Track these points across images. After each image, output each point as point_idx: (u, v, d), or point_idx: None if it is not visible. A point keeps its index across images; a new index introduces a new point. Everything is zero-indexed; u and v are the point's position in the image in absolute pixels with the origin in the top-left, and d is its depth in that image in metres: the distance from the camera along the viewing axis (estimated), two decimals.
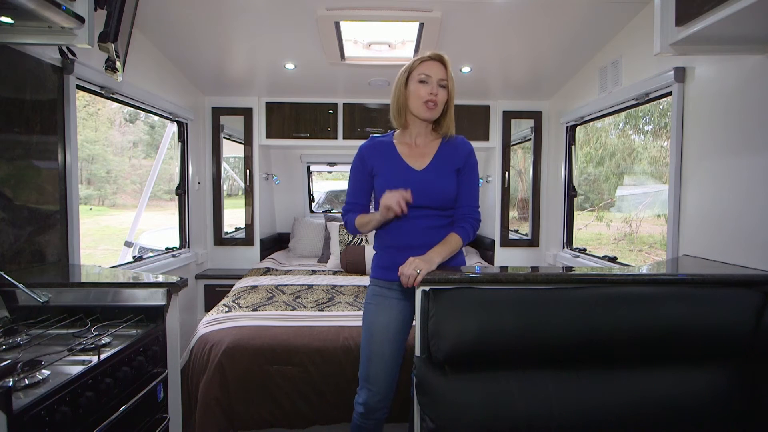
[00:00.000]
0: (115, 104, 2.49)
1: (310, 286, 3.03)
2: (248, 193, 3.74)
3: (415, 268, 1.42)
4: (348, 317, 2.38)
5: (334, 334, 2.17)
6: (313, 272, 3.47)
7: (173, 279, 1.63)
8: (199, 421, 1.99)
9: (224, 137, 3.71)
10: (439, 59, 1.60)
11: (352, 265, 3.46)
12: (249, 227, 3.78)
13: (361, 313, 2.41)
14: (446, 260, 1.54)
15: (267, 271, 3.42)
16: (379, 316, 1.63)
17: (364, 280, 3.16)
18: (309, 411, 2.06)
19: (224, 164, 3.75)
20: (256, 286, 2.98)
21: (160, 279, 1.66)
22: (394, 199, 1.46)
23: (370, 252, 3.56)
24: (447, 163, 1.62)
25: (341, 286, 3.06)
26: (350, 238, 3.69)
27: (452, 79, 1.61)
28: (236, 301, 2.65)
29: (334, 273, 3.48)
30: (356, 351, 2.07)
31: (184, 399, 1.94)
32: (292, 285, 3.05)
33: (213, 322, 2.31)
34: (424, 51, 1.64)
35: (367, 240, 3.71)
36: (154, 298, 1.52)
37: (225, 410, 2.01)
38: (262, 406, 2.04)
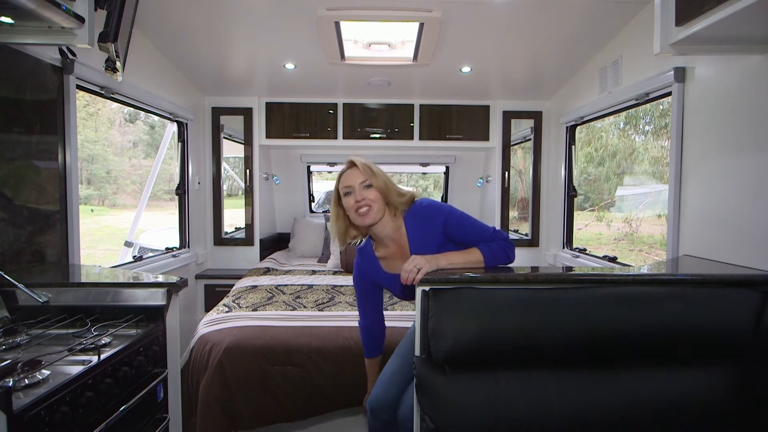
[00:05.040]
0: (115, 104, 2.49)
1: (310, 286, 3.03)
2: (248, 193, 3.74)
3: (415, 265, 1.42)
4: (348, 317, 2.38)
5: (333, 334, 2.17)
6: (313, 272, 3.47)
7: (173, 279, 1.62)
8: (200, 420, 1.99)
9: (224, 137, 3.71)
10: (352, 164, 1.59)
11: (352, 265, 3.45)
12: (249, 227, 3.78)
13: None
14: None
15: (267, 271, 3.42)
16: (411, 328, 1.76)
17: None
18: (311, 407, 2.07)
19: (224, 164, 3.75)
20: (256, 286, 2.98)
21: (160, 279, 1.66)
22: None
23: None
24: (426, 251, 1.54)
25: (341, 286, 3.06)
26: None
27: (374, 172, 1.57)
28: (236, 301, 2.65)
29: (334, 273, 3.48)
30: (356, 350, 2.07)
31: (184, 399, 1.94)
32: (292, 285, 3.05)
33: (213, 322, 2.31)
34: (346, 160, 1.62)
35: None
36: (154, 298, 1.52)
37: (226, 409, 2.01)
38: (263, 405, 2.04)
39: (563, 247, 3.31)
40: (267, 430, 2.12)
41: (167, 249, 3.22)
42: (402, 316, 2.38)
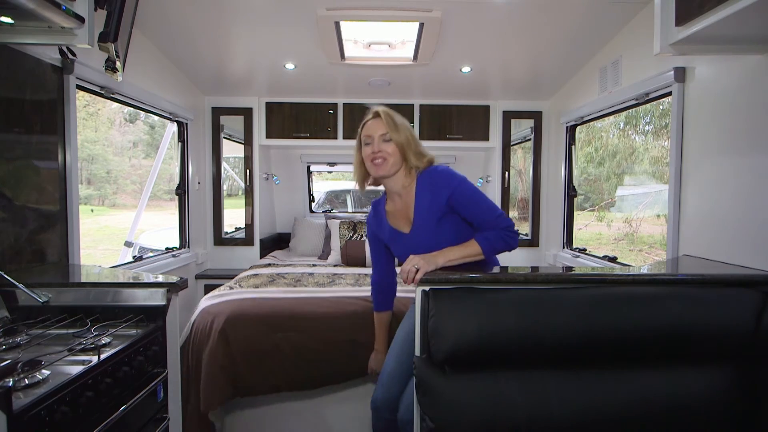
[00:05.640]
0: (115, 104, 2.49)
1: (311, 273, 3.05)
2: (248, 193, 3.74)
3: (414, 264, 1.42)
4: (351, 290, 2.41)
5: (338, 302, 2.18)
6: (314, 266, 3.48)
7: (173, 279, 1.62)
8: (204, 389, 1.97)
9: (224, 137, 3.71)
10: (377, 115, 1.59)
11: (352, 259, 3.45)
12: (249, 227, 3.78)
13: (362, 289, 2.45)
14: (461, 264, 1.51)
15: (267, 266, 3.42)
16: (403, 322, 1.76)
17: (365, 270, 3.17)
18: (317, 375, 2.05)
19: (224, 164, 3.75)
20: (257, 274, 3.00)
21: (160, 279, 1.66)
22: (377, 365, 1.85)
23: None
24: (428, 216, 1.57)
25: (342, 273, 3.07)
26: (350, 234, 3.69)
27: (397, 126, 1.58)
28: (238, 283, 2.67)
29: (335, 266, 3.48)
30: (362, 316, 2.05)
31: (183, 373, 1.95)
32: (293, 273, 3.07)
33: (215, 296, 2.32)
34: (371, 108, 1.64)
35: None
36: (154, 298, 1.52)
37: (230, 377, 2.00)
38: (267, 372, 2.02)
39: (563, 247, 3.31)
40: (273, 398, 2.12)
41: (167, 249, 3.22)
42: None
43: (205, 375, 1.98)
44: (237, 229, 3.95)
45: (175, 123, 3.21)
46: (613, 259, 2.70)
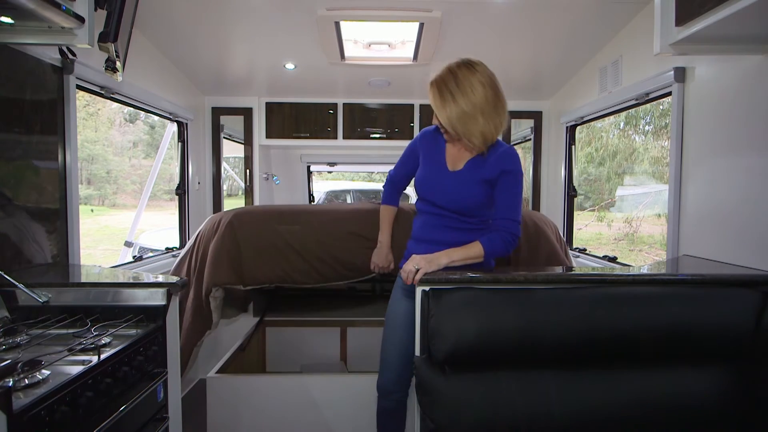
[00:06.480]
0: (115, 104, 2.49)
1: None
2: (248, 193, 3.74)
3: (415, 264, 1.43)
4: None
5: (340, 204, 2.29)
6: None
7: (173, 279, 1.62)
8: (209, 269, 2.01)
9: (224, 137, 3.71)
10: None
11: None
12: None
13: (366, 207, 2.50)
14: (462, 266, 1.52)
15: None
16: (393, 304, 1.74)
17: None
18: (319, 267, 2.06)
19: (224, 164, 3.75)
20: None
21: (160, 279, 1.66)
22: (380, 259, 1.88)
23: None
24: (476, 172, 1.57)
25: None
26: None
27: (444, 103, 1.54)
28: None
29: None
30: (365, 212, 2.08)
31: (187, 275, 2.06)
32: None
33: None
34: None
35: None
36: (154, 298, 1.52)
37: (235, 265, 2.02)
38: (271, 262, 2.05)
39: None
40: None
41: (167, 249, 3.22)
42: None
43: (211, 257, 2.02)
44: None
45: (175, 123, 3.21)
46: (613, 259, 2.70)
